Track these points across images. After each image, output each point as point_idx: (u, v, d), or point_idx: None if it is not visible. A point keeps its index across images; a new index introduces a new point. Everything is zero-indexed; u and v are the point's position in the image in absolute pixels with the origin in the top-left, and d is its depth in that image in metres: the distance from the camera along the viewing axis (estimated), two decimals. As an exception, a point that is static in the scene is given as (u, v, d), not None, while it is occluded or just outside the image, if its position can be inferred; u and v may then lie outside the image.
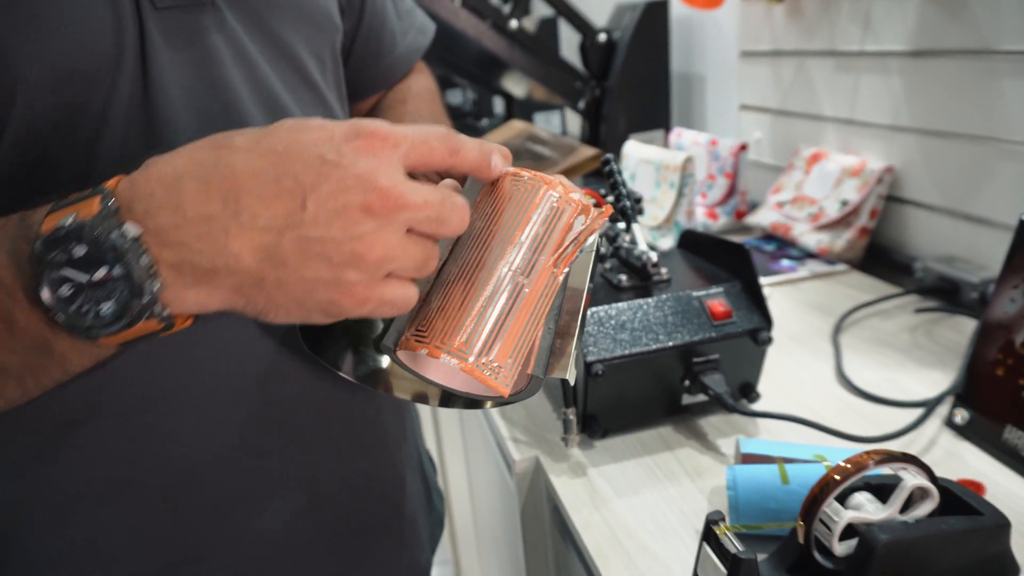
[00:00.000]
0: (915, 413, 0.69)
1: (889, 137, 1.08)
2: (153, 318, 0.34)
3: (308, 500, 0.55)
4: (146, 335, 0.34)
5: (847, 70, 1.14)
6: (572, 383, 0.59)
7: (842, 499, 0.45)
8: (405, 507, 0.64)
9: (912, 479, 0.43)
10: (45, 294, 0.33)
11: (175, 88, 0.46)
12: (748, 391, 0.71)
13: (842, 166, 1.13)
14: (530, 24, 1.50)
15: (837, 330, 0.88)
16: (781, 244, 1.19)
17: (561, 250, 0.40)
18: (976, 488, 0.58)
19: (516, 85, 1.86)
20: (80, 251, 0.33)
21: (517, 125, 1.86)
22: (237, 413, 0.50)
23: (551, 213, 0.40)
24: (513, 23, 1.50)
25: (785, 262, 1.12)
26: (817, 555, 0.45)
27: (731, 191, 1.28)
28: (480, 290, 0.38)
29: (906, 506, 0.44)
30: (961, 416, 0.66)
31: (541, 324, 0.41)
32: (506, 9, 1.52)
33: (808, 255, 1.14)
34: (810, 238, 1.13)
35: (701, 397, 0.69)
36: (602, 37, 1.56)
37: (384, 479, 0.61)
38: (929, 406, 0.68)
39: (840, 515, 0.43)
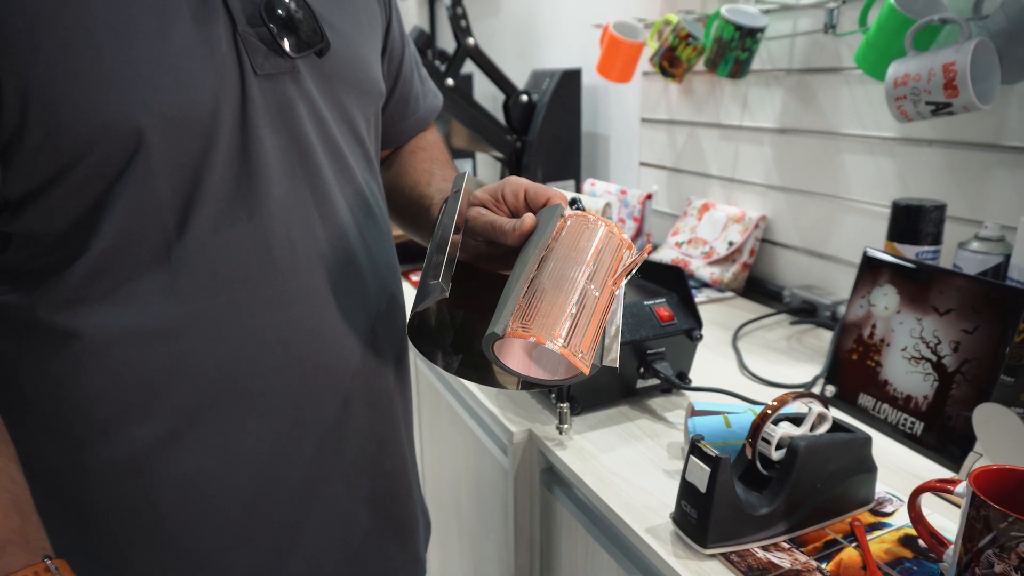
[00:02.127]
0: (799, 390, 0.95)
1: (763, 193, 1.39)
2: None
3: (346, 494, 0.68)
4: None
5: (729, 139, 1.45)
6: (618, 370, 0.68)
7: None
8: (415, 507, 0.78)
9: (816, 408, 0.67)
10: None
11: (268, 141, 0.59)
12: (683, 377, 0.94)
13: (727, 214, 1.42)
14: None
15: (735, 338, 1.14)
16: (680, 276, 1.47)
17: (616, 272, 0.55)
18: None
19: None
20: None
21: (439, 169, 2.06)
22: (303, 426, 0.64)
23: (609, 244, 0.56)
24: (449, 81, 1.71)
25: (686, 289, 1.39)
26: (758, 465, 0.67)
27: (638, 232, 1.55)
28: (569, 297, 0.52)
29: (811, 428, 0.68)
30: (829, 390, 0.93)
31: (603, 324, 0.54)
32: (443, 68, 1.74)
33: (704, 284, 1.41)
34: (704, 271, 1.41)
35: (652, 381, 0.91)
36: (524, 98, 1.81)
37: (401, 481, 0.75)
38: (809, 384, 0.95)
39: (775, 432, 0.65)
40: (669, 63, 1.40)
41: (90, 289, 0.56)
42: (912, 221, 0.95)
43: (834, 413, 0.88)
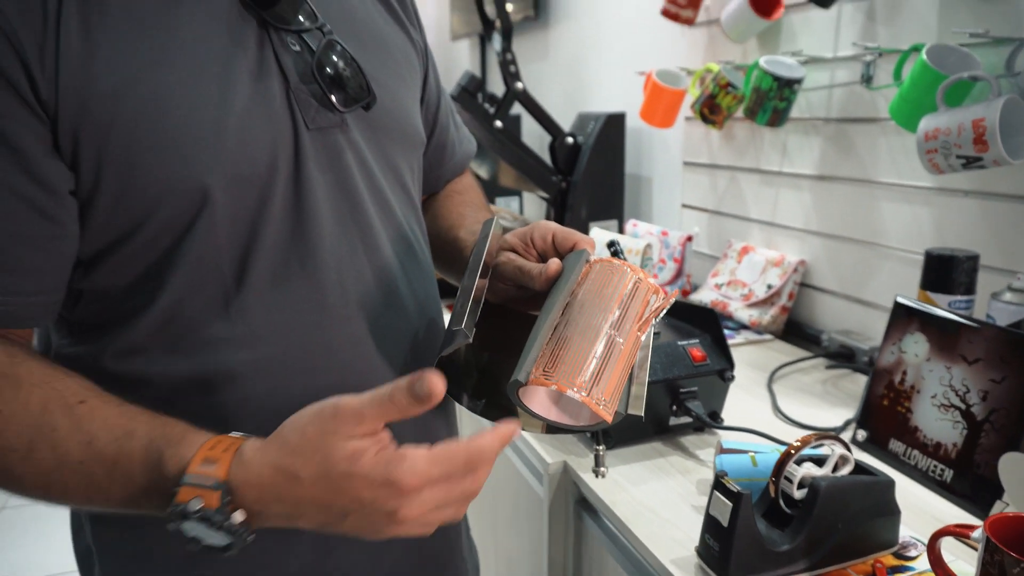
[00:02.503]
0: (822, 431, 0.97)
1: (802, 237, 1.41)
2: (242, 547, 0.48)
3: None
4: None
5: (769, 184, 1.48)
6: (643, 419, 0.63)
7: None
8: (461, 548, 0.78)
9: (838, 450, 0.70)
10: (179, 525, 0.47)
11: (320, 191, 0.61)
12: (715, 417, 0.97)
13: (766, 258, 1.45)
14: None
15: (770, 380, 1.17)
16: (720, 317, 1.49)
17: (642, 318, 0.56)
18: (873, 478, 0.85)
19: (481, 168, 2.14)
20: (203, 526, 0.46)
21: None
22: None
23: (634, 290, 0.56)
24: (498, 123, 1.79)
25: (724, 331, 1.41)
26: (781, 503, 0.70)
27: (679, 273, 1.58)
28: (592, 345, 0.52)
29: (834, 469, 0.70)
30: (861, 435, 0.94)
31: (630, 369, 0.55)
32: (492, 110, 1.82)
33: (742, 326, 1.44)
34: (743, 313, 1.43)
35: (684, 419, 0.95)
36: (569, 140, 1.87)
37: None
38: (839, 428, 0.97)
39: (797, 471, 0.68)
40: (710, 110, 1.45)
41: (154, 339, 0.58)
42: (945, 271, 0.97)
43: (865, 458, 0.90)
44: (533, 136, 2.38)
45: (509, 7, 2.57)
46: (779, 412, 1.05)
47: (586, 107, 2.23)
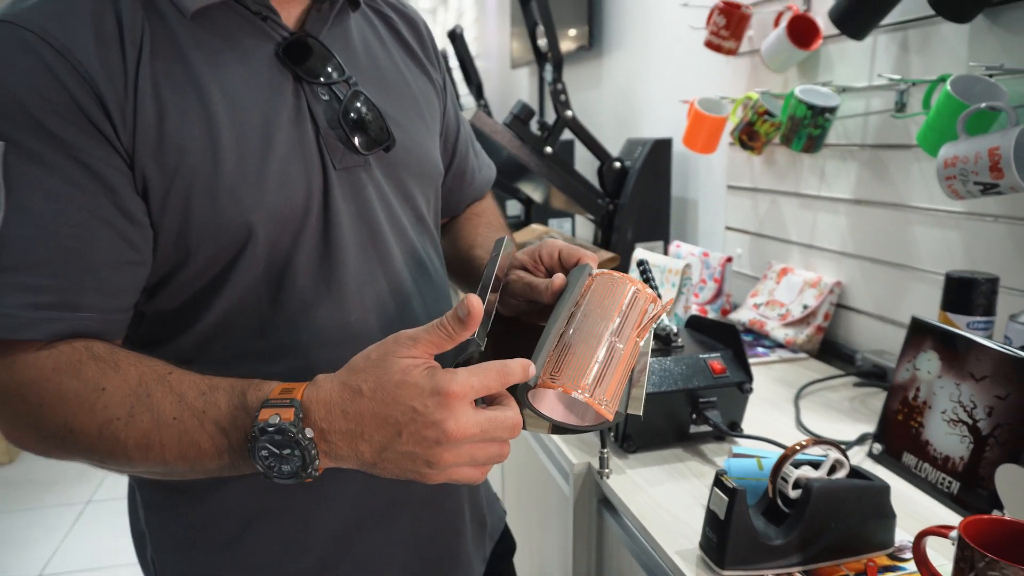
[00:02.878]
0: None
1: (838, 260, 1.45)
2: (308, 478, 0.55)
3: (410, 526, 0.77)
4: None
5: (808, 208, 1.52)
6: (643, 418, 0.70)
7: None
8: (467, 544, 0.84)
9: (833, 455, 0.75)
10: (253, 454, 0.54)
11: (345, 224, 0.69)
12: (735, 427, 1.02)
13: (804, 279, 1.49)
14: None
15: (797, 396, 1.21)
16: (757, 336, 1.53)
17: (640, 325, 0.62)
18: (882, 488, 0.89)
19: (535, 192, 2.24)
20: (279, 438, 0.53)
21: (538, 228, 2.23)
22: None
23: (633, 300, 0.62)
24: (548, 149, 1.89)
25: (760, 349, 1.46)
26: (779, 502, 0.76)
27: (718, 293, 1.63)
28: (595, 350, 0.58)
29: (830, 473, 0.76)
30: (876, 448, 0.98)
31: (629, 372, 0.61)
32: (542, 136, 1.92)
33: (778, 345, 1.47)
34: (779, 332, 1.47)
35: (704, 428, 1.00)
36: (617, 164, 1.95)
37: (457, 517, 0.82)
38: (853, 442, 1.01)
39: (792, 473, 0.74)
40: (748, 137, 1.51)
41: (200, 353, 0.67)
42: (964, 292, 1.00)
43: (880, 470, 0.94)
44: (586, 160, 2.47)
45: (567, 43, 2.68)
46: (801, 426, 1.10)
47: (636, 132, 2.30)
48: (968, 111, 0.98)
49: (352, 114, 0.70)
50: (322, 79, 0.70)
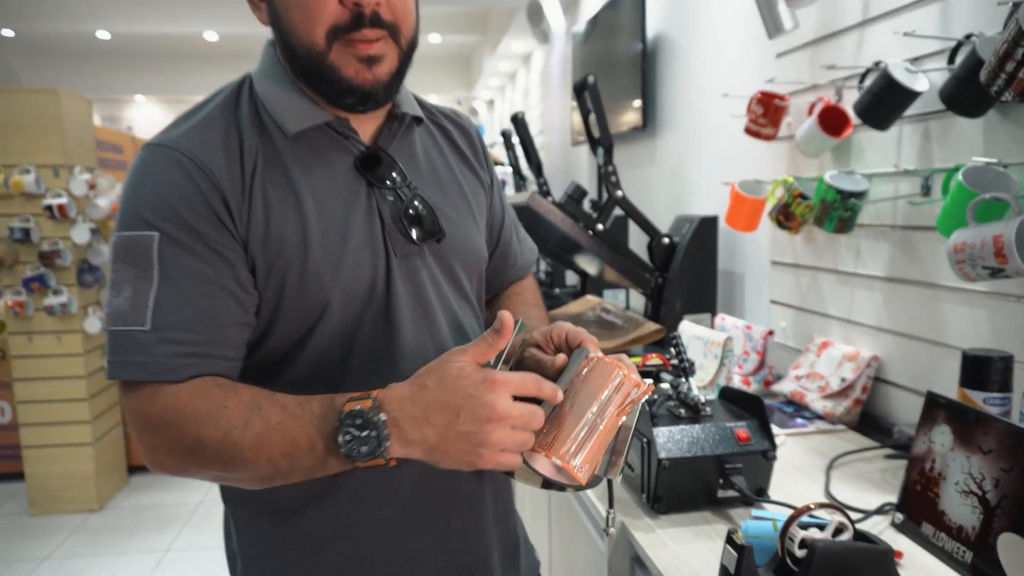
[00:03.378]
0: (874, 517, 1.06)
1: (875, 335, 1.50)
2: (380, 458, 0.69)
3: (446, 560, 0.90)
4: (374, 465, 0.69)
5: (846, 284, 1.59)
6: (618, 482, 0.82)
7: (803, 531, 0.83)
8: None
9: (837, 518, 0.82)
10: (339, 439, 0.68)
11: (402, 300, 0.85)
12: (761, 493, 1.09)
13: (843, 352, 1.55)
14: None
15: (829, 466, 1.26)
16: (797, 407, 1.59)
17: (622, 406, 0.73)
18: (897, 555, 0.94)
19: (590, 265, 2.36)
20: (359, 421, 0.68)
21: (591, 299, 2.35)
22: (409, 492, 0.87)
23: (619, 384, 0.73)
24: (600, 226, 2.02)
25: (799, 420, 1.51)
26: (788, 561, 0.83)
27: (761, 365, 1.70)
28: (577, 424, 0.71)
29: (835, 535, 0.83)
30: (897, 518, 1.03)
31: (606, 445, 0.73)
32: (594, 215, 2.06)
33: (817, 416, 1.53)
34: (818, 404, 1.52)
35: (731, 493, 1.08)
36: (665, 240, 2.06)
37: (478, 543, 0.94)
38: (873, 511, 1.06)
39: (798, 533, 0.81)
40: (785, 217, 1.60)
41: (291, 388, 0.78)
42: (980, 370, 1.06)
43: (901, 539, 1.00)
44: (639, 234, 2.59)
45: (624, 123, 2.85)
46: (829, 494, 1.15)
47: (686, 209, 2.42)
48: (974, 201, 1.06)
49: (411, 211, 0.87)
50: (388, 184, 0.86)
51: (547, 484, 0.76)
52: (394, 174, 0.87)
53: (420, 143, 0.94)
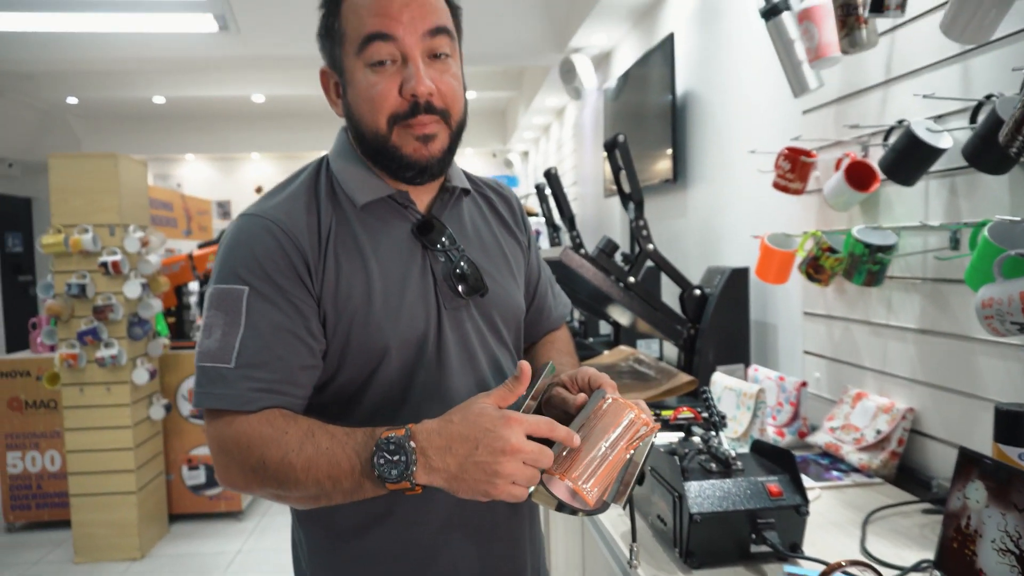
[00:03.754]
0: (911, 574, 1.06)
1: (910, 386, 1.50)
2: (407, 481, 0.78)
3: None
4: (402, 489, 0.79)
5: (878, 335, 1.59)
6: (623, 510, 0.88)
7: (834, 587, 0.84)
8: None
9: (867, 574, 0.83)
10: (374, 460, 0.78)
11: (451, 347, 0.98)
12: (795, 548, 1.09)
13: (877, 404, 1.54)
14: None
15: (865, 521, 1.25)
16: (833, 459, 1.58)
17: (631, 440, 0.83)
18: (935, 613, 0.93)
19: (622, 317, 2.39)
20: (393, 447, 0.78)
21: (625, 350, 2.37)
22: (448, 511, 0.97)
23: (629, 423, 0.84)
24: (631, 279, 2.05)
25: (835, 473, 1.50)
26: (820, 618, 0.83)
27: (795, 416, 1.70)
28: (590, 454, 0.81)
29: (867, 592, 0.83)
30: (936, 575, 1.02)
31: (615, 474, 0.83)
32: (625, 268, 2.10)
33: (853, 469, 1.51)
34: (854, 457, 1.52)
35: (764, 548, 1.08)
36: (697, 292, 2.09)
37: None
38: (909, 568, 1.05)
39: (829, 589, 0.82)
40: (814, 270, 1.62)
41: (352, 423, 0.89)
42: (1013, 425, 1.06)
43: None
44: (671, 285, 2.62)
45: (655, 175, 2.90)
46: (865, 550, 1.14)
47: (717, 260, 2.44)
48: (1001, 257, 1.08)
49: (459, 271, 0.99)
50: (440, 246, 0.99)
51: (561, 507, 0.84)
52: (444, 238, 0.99)
53: (468, 211, 1.07)
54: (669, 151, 2.76)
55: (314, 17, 0.99)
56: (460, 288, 0.98)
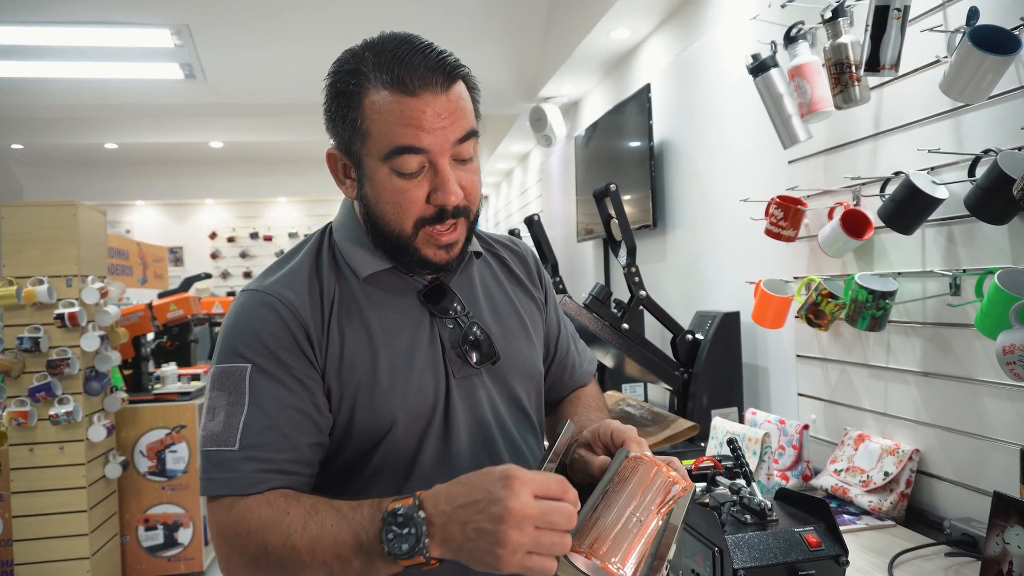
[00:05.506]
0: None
1: (915, 428, 1.53)
2: (420, 556, 0.71)
3: None
4: (415, 564, 0.71)
5: (878, 378, 1.63)
6: None
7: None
8: None
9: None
10: (382, 535, 0.71)
11: (460, 417, 0.92)
12: (835, 599, 1.09)
13: (882, 446, 1.57)
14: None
15: (891, 566, 1.26)
16: (841, 502, 1.59)
17: (662, 504, 0.73)
18: (988, 662, 0.93)
19: (605, 358, 2.38)
20: (401, 520, 0.71)
21: (614, 395, 2.37)
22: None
23: (660, 484, 0.74)
24: (625, 325, 2.06)
25: (846, 516, 1.51)
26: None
27: (798, 459, 1.71)
28: (616, 523, 0.71)
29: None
30: (977, 621, 1.03)
31: (650, 544, 0.71)
32: (619, 314, 2.10)
33: (863, 512, 1.53)
34: (863, 499, 1.53)
35: (806, 599, 1.07)
36: (689, 336, 2.11)
37: None
38: (956, 614, 1.06)
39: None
40: (815, 316, 1.66)
41: (356, 499, 0.82)
42: (1039, 466, 1.08)
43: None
44: (653, 327, 2.64)
45: (632, 221, 2.94)
46: (899, 597, 1.15)
47: (702, 304, 2.48)
48: (1017, 305, 1.12)
49: (470, 337, 0.95)
50: (450, 314, 0.95)
51: None
52: (455, 304, 0.96)
53: (479, 274, 1.03)
54: (648, 196, 2.81)
55: (284, 65, 0.96)
56: (472, 356, 0.94)
